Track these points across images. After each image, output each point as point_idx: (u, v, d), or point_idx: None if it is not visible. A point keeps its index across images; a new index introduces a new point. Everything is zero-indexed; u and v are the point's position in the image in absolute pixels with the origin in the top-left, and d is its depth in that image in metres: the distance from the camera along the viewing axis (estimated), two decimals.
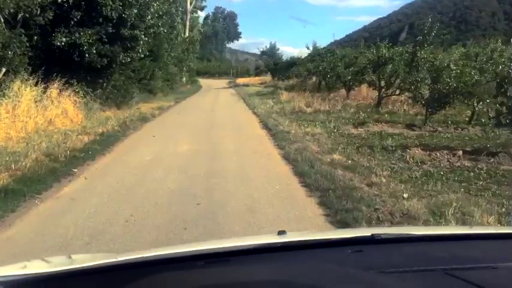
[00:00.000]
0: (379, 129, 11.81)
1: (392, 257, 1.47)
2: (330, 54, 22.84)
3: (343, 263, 1.37)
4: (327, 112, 15.27)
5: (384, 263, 1.40)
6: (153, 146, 8.91)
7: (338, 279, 1.21)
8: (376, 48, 16.35)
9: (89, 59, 13.62)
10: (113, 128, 10.82)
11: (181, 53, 33.95)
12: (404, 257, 1.45)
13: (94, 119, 12.37)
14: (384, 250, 1.52)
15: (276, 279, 1.21)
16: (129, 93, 17.16)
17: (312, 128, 11.44)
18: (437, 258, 1.43)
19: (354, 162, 7.26)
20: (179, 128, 11.74)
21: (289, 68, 39.25)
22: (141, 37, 15.23)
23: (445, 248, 1.54)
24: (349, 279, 1.22)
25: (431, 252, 1.48)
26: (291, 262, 1.38)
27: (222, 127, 12.02)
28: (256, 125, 12.56)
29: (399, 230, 1.96)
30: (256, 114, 15.23)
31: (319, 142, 9.22)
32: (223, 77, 65.71)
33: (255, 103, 19.23)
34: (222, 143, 9.25)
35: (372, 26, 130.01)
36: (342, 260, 1.40)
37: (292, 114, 14.80)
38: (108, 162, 7.26)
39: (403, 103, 16.56)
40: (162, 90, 26.50)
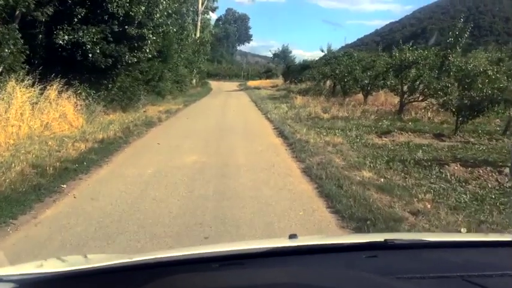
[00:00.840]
0: (405, 139, 10.75)
1: (408, 263, 1.46)
2: (347, 57, 21.77)
3: (358, 267, 1.37)
4: (345, 119, 14.23)
5: (399, 268, 1.39)
6: (156, 155, 7.97)
7: (356, 284, 1.23)
8: (399, 50, 15.28)
9: (93, 58, 12.77)
10: (115, 133, 9.90)
11: (192, 55, 33.11)
12: (421, 263, 1.44)
13: (96, 123, 11.50)
14: (399, 256, 1.52)
15: (294, 282, 1.22)
16: (135, 96, 16.29)
17: (332, 136, 10.42)
18: (454, 264, 1.43)
19: (388, 181, 6.23)
20: (187, 135, 10.78)
21: (302, 71, 38.32)
22: (149, 36, 14.35)
23: (461, 255, 1.53)
24: (367, 284, 1.23)
25: (447, 259, 1.48)
26: (306, 266, 1.39)
27: (234, 135, 11.05)
28: (271, 133, 11.56)
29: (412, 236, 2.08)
30: (269, 120, 14.24)
31: (342, 154, 8.20)
32: (233, 79, 65.02)
33: (267, 107, 18.25)
34: (234, 155, 8.27)
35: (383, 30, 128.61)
36: (357, 265, 1.39)
37: (309, 121, 13.79)
38: (103, 176, 6.31)
39: (427, 110, 15.45)
40: (171, 93, 25.68)
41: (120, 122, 12.16)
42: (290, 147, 9.13)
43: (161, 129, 12.05)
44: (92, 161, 7.11)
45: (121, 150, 8.34)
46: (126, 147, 8.79)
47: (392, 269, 1.38)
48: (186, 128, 12.39)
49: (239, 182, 6.14)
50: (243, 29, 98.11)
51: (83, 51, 12.62)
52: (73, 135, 9.35)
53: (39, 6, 10.45)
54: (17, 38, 9.30)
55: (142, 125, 12.07)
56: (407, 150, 9.24)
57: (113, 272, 1.32)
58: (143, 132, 10.93)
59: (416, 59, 14.72)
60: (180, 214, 4.67)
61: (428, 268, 1.36)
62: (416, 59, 14.69)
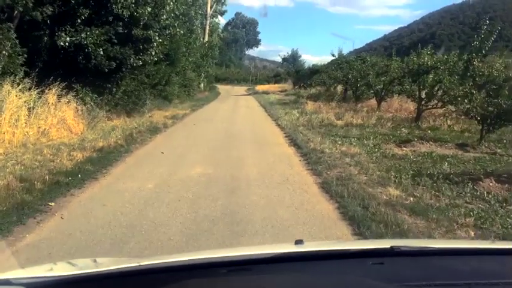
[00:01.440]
0: (427, 150, 10.00)
1: (414, 270, 1.44)
2: (360, 61, 21.02)
3: (364, 274, 1.36)
4: (360, 126, 13.49)
5: (406, 276, 1.39)
6: (159, 166, 7.30)
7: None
8: (417, 55, 14.52)
9: (96, 61, 12.18)
10: (116, 141, 9.25)
11: (200, 58, 32.55)
12: (427, 271, 1.43)
13: (97, 129, 10.89)
14: (405, 263, 1.50)
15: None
16: (140, 100, 15.69)
17: (348, 146, 9.70)
18: (459, 272, 1.43)
19: (419, 201, 5.50)
20: (193, 143, 10.11)
21: (312, 76, 37.62)
22: (155, 38, 13.75)
23: (467, 262, 1.52)
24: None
25: (453, 267, 1.48)
26: (313, 272, 1.38)
27: (243, 143, 10.36)
28: (282, 141, 10.85)
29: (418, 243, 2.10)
30: (280, 127, 13.54)
31: (362, 167, 7.47)
32: (241, 83, 64.52)
33: (278, 113, 17.55)
34: (243, 166, 7.58)
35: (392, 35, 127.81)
36: (363, 272, 1.38)
37: (322, 128, 13.07)
38: (98, 192, 5.65)
39: (446, 117, 14.67)
40: (179, 97, 25.10)
41: (124, 128, 11.54)
42: (304, 157, 8.42)
43: (166, 136, 11.39)
44: (88, 173, 6.45)
45: (121, 160, 7.68)
46: (127, 156, 8.13)
47: (399, 276, 1.39)
48: (192, 135, 11.72)
49: (250, 200, 5.44)
50: (252, 33, 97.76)
51: (86, 54, 12.05)
52: (71, 143, 8.73)
53: (38, 5, 9.86)
54: (11, 39, 8.69)
55: (146, 131, 11.42)
56: (431, 162, 8.50)
57: (122, 276, 1.33)
58: (147, 139, 10.27)
59: (435, 63, 13.95)
60: (181, 242, 3.98)
61: (435, 276, 1.37)
62: (435, 64, 13.92)
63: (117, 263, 1.50)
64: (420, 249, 1.61)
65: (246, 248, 1.98)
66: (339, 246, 1.80)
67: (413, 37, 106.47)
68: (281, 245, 2.56)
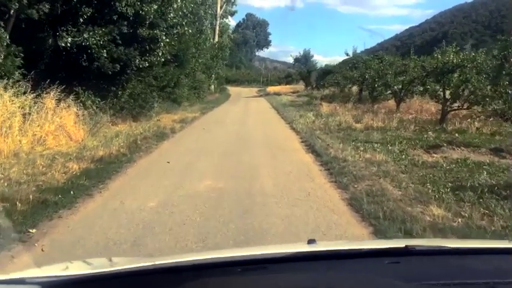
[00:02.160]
0: (459, 156, 9.05)
1: (431, 270, 1.41)
2: (377, 60, 20.06)
3: (381, 273, 1.35)
4: (381, 129, 12.56)
5: (423, 275, 1.37)
6: (163, 179, 6.50)
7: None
8: (442, 52, 13.55)
9: (99, 63, 11.46)
10: (119, 149, 8.49)
11: (210, 59, 31.85)
12: (444, 270, 1.40)
13: (100, 135, 10.16)
14: (421, 262, 1.48)
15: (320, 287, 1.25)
16: (147, 103, 14.96)
17: (372, 152, 8.81)
18: (478, 271, 1.40)
19: (468, 222, 4.62)
20: (202, 150, 9.30)
21: (324, 77, 36.72)
22: (162, 38, 13.00)
23: (486, 262, 1.48)
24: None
25: (471, 266, 1.45)
26: (330, 271, 1.38)
27: (256, 149, 9.53)
28: (299, 147, 9.98)
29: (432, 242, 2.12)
30: (295, 131, 12.67)
31: (393, 178, 6.58)
32: (252, 84, 63.81)
33: (291, 116, 16.68)
34: (258, 178, 6.73)
35: (403, 34, 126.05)
36: (380, 271, 1.37)
37: (340, 132, 12.18)
38: (91, 213, 4.86)
39: (473, 119, 13.67)
40: (188, 99, 24.40)
41: (128, 133, 10.79)
42: (325, 167, 7.54)
43: (173, 142, 10.59)
44: (82, 188, 5.67)
45: (122, 172, 6.89)
46: (129, 167, 7.34)
47: (417, 275, 1.36)
48: (201, 140, 10.91)
49: (268, 222, 4.60)
50: (262, 34, 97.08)
51: (88, 55, 11.34)
52: (69, 152, 7.99)
53: (34, 3, 9.15)
54: (2, 38, 7.97)
55: (152, 137, 10.65)
56: (467, 170, 7.55)
57: (137, 275, 1.33)
58: (152, 146, 9.49)
59: (461, 61, 12.98)
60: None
61: (452, 275, 1.35)
62: (462, 62, 12.95)
63: (133, 262, 1.51)
64: (435, 249, 1.59)
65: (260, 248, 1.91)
66: (352, 246, 1.74)
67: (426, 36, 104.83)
68: (294, 244, 2.48)
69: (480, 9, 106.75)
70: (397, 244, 1.58)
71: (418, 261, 1.48)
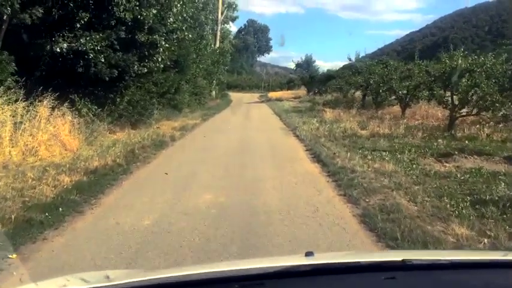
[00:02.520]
0: (472, 165, 8.61)
1: (428, 285, 1.43)
2: (382, 65, 19.66)
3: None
4: (388, 136, 12.12)
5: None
6: (161, 193, 6.07)
7: None
8: (449, 57, 13.14)
9: (96, 69, 11.08)
10: (115, 159, 8.08)
11: (211, 65, 31.49)
12: (441, 286, 1.42)
13: (96, 144, 9.75)
14: (417, 277, 1.47)
15: None
16: (147, 110, 14.58)
17: (381, 162, 8.39)
18: (471, 286, 1.42)
19: (495, 242, 4.18)
20: (202, 159, 8.88)
21: (326, 82, 36.34)
22: (161, 43, 12.63)
23: (481, 276, 1.50)
24: None
25: (467, 281, 1.45)
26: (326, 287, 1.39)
27: (259, 158, 9.10)
28: (304, 156, 9.55)
29: (429, 255, 2.05)
30: (299, 138, 12.25)
31: (406, 191, 6.14)
32: (253, 90, 63.54)
33: (294, 122, 16.27)
34: (261, 190, 6.30)
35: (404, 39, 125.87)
36: (375, 287, 1.39)
37: (345, 139, 11.75)
38: (79, 233, 4.43)
39: (482, 125, 13.22)
40: (189, 106, 24.03)
41: (126, 142, 10.39)
42: (333, 178, 7.11)
43: (173, 151, 10.17)
44: (72, 205, 5.25)
45: (117, 185, 6.47)
46: (125, 179, 6.92)
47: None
48: (202, 149, 10.49)
49: (273, 243, 4.17)
50: (264, 40, 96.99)
51: (85, 61, 10.96)
52: (62, 163, 7.57)
53: (27, 7, 8.78)
54: None
55: (151, 146, 10.24)
56: (483, 182, 7.10)
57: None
58: (150, 156, 9.07)
59: (470, 66, 12.56)
60: None
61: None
62: (471, 66, 12.53)
63: (129, 276, 1.56)
64: (432, 262, 1.57)
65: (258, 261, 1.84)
66: (350, 259, 1.74)
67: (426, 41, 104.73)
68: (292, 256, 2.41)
69: (481, 14, 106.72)
70: (395, 257, 1.59)
71: (414, 276, 1.48)
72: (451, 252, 3.04)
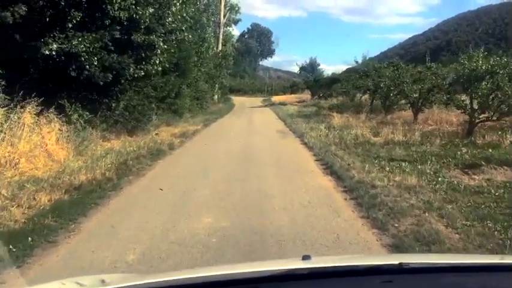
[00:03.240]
0: (504, 178, 7.71)
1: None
2: (392, 67, 18.77)
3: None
4: (403, 144, 11.21)
5: None
6: (153, 215, 5.20)
7: None
8: (468, 58, 12.25)
9: (88, 72, 10.26)
10: (105, 172, 7.24)
11: (213, 69, 30.70)
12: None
13: (87, 154, 8.92)
14: (414, 281, 1.47)
15: None
16: (145, 116, 13.73)
17: (401, 174, 7.51)
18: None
19: None
20: (202, 172, 8.01)
21: (331, 85, 35.50)
22: (159, 44, 11.80)
23: (478, 279, 1.49)
24: None
25: (462, 284, 1.46)
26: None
27: (264, 170, 8.20)
28: (314, 167, 8.67)
29: (427, 258, 2.01)
30: (307, 146, 11.35)
31: (440, 212, 5.25)
32: (256, 94, 62.71)
33: (301, 128, 15.37)
34: (269, 211, 5.41)
35: (407, 43, 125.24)
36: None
37: (358, 147, 10.86)
38: (46, 274, 3.56)
39: (504, 131, 12.30)
40: (190, 110, 23.22)
41: (120, 151, 9.55)
42: (351, 195, 6.22)
43: (170, 162, 9.30)
44: (46, 232, 4.38)
45: (102, 205, 5.60)
46: (113, 197, 6.05)
47: None
48: (202, 159, 9.61)
49: None
50: (267, 44, 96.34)
51: (77, 64, 10.14)
52: (45, 177, 6.72)
53: (8, 4, 7.96)
54: None
55: (147, 155, 9.39)
56: None
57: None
58: (145, 168, 8.21)
59: (491, 67, 11.66)
60: None
61: None
62: (492, 68, 11.63)
63: (125, 280, 1.53)
64: (429, 266, 1.58)
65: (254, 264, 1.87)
66: (347, 262, 1.71)
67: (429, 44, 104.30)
68: (289, 260, 2.37)
69: (484, 17, 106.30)
70: (392, 260, 1.57)
71: (411, 280, 1.47)
72: (448, 256, 3.04)
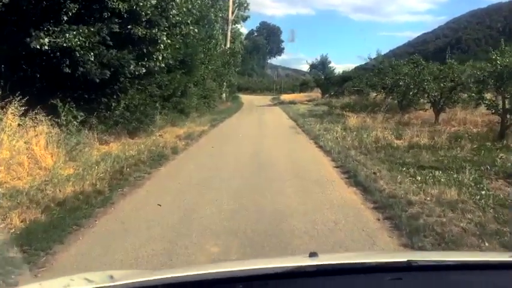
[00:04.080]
0: None
1: (432, 286, 1.42)
2: (412, 64, 17.64)
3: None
4: (430, 148, 10.17)
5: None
6: (145, 243, 4.22)
7: None
8: (500, 52, 11.15)
9: (84, 69, 9.36)
10: (96, 182, 6.30)
11: (221, 66, 29.70)
12: (445, 287, 1.42)
13: (81, 159, 7.99)
14: (423, 278, 1.46)
15: None
16: (147, 116, 12.78)
17: (436, 185, 6.47)
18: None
19: None
20: (207, 183, 7.01)
21: (342, 84, 34.39)
22: (162, 39, 10.84)
23: (485, 277, 1.48)
24: None
25: (471, 282, 1.45)
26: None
27: (279, 181, 7.18)
28: (335, 175, 7.64)
29: (435, 256, 2.02)
30: (324, 150, 10.32)
31: (499, 239, 4.24)
32: (265, 92, 61.72)
33: (314, 129, 14.35)
34: (290, 239, 4.39)
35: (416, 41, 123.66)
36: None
37: (379, 151, 9.82)
38: None
39: None
40: (197, 110, 22.26)
41: (118, 156, 8.62)
42: (384, 213, 5.20)
43: (172, 169, 8.32)
44: (7, 269, 3.44)
45: (86, 227, 4.64)
46: (101, 216, 5.08)
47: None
48: (208, 166, 8.62)
49: None
50: (276, 42, 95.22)
51: (72, 60, 9.23)
52: (26, 188, 5.79)
53: None
54: None
55: (147, 161, 8.45)
56: None
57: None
58: (143, 177, 7.25)
59: None
60: None
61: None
62: None
63: (133, 276, 1.53)
64: (437, 263, 1.55)
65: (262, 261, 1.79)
66: (355, 259, 1.72)
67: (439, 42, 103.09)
68: (297, 257, 2.30)
69: (494, 14, 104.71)
70: (400, 258, 1.58)
71: (419, 277, 1.45)
72: (457, 253, 2.99)
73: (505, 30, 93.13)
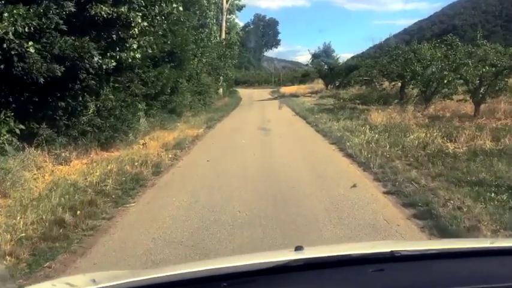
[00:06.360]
0: None
1: (415, 276, 1.42)
2: (445, 47, 14.93)
3: (365, 283, 1.36)
4: (497, 154, 7.57)
5: (407, 283, 1.38)
6: None
7: None
8: None
9: (24, 64, 6.76)
10: (14, 247, 3.72)
11: (217, 59, 27.02)
12: (427, 276, 1.41)
13: (16, 195, 5.40)
14: (405, 269, 1.47)
15: None
16: (124, 122, 10.17)
17: None
18: (459, 276, 1.41)
19: None
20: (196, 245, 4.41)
21: (348, 73, 31.79)
22: (137, 21, 8.21)
23: (467, 265, 1.50)
24: None
25: (453, 270, 1.46)
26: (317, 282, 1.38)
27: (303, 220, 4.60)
28: (391, 210, 4.98)
29: (418, 245, 2.02)
30: (357, 161, 7.68)
31: None
32: (263, 85, 59.19)
33: (332, 129, 11.73)
34: None
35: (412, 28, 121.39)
36: (364, 280, 1.38)
37: (434, 163, 7.17)
38: None
39: None
40: (192, 108, 19.71)
41: (76, 183, 6.03)
42: None
43: (147, 207, 5.61)
44: None
45: None
46: None
47: (399, 283, 1.37)
48: (202, 202, 5.82)
49: None
50: (272, 34, 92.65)
51: (4, 52, 6.60)
52: None
53: None
54: None
55: (111, 192, 5.84)
56: None
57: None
58: (97, 228, 4.61)
59: None
60: None
61: (435, 281, 1.36)
62: None
63: (115, 278, 1.48)
64: (420, 253, 1.58)
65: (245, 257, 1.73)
66: (339, 251, 1.67)
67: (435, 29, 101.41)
68: (282, 251, 2.34)
69: None
70: (384, 248, 1.58)
71: (403, 267, 1.46)
72: (439, 242, 3.04)
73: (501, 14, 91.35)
